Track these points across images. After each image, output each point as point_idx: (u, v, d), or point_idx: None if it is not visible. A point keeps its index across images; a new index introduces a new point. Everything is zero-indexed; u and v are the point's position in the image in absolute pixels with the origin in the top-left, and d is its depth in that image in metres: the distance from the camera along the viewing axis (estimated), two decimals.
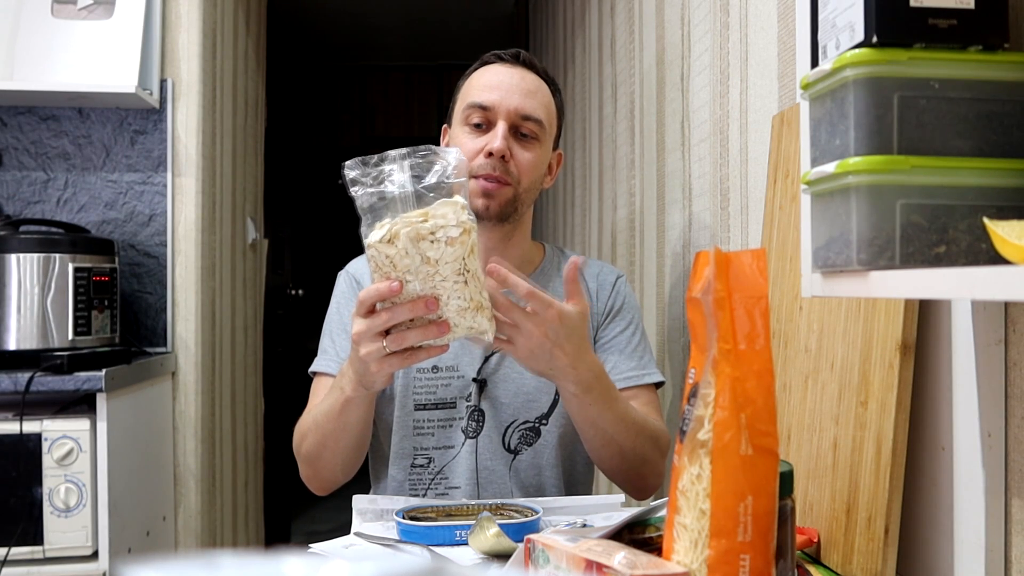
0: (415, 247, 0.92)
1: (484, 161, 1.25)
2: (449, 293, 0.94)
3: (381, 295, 0.94)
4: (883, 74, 0.62)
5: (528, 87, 1.29)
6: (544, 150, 1.31)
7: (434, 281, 0.93)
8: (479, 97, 1.28)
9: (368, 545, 1.01)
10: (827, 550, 0.89)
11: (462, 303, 0.95)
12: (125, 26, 2.11)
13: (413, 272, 0.93)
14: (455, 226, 0.92)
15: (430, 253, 0.92)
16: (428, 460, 1.30)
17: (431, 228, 0.92)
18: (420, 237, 0.92)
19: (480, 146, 1.26)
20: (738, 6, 1.28)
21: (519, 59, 1.33)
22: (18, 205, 2.17)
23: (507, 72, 1.30)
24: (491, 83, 1.29)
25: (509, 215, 1.29)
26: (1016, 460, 0.71)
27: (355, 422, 1.15)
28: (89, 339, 1.88)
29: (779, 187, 1.09)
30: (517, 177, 1.27)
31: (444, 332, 0.96)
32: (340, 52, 5.25)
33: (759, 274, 0.69)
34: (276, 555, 0.31)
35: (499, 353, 1.31)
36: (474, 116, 1.28)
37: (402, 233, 0.91)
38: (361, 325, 0.97)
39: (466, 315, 0.96)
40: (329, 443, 1.19)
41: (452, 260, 0.93)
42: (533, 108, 1.28)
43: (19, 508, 1.67)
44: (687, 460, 0.69)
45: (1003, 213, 0.60)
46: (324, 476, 1.25)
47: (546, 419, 1.31)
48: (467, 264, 0.94)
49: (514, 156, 1.26)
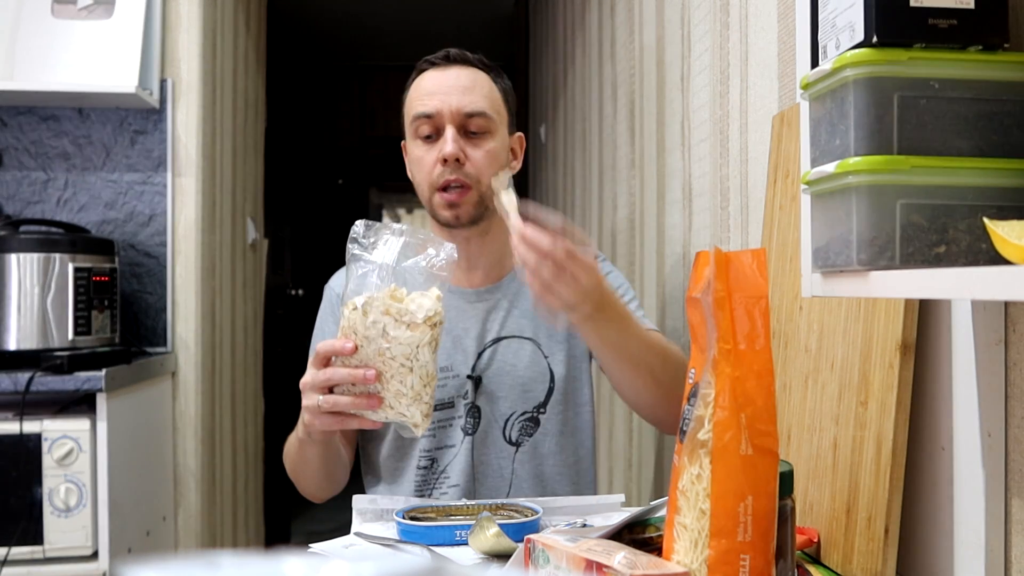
0: (380, 319, 0.96)
1: (441, 169, 1.26)
2: (393, 373, 0.98)
3: (334, 351, 0.99)
4: (883, 74, 0.62)
5: (464, 84, 1.29)
6: (498, 140, 1.31)
7: (384, 357, 0.97)
8: (420, 108, 1.29)
9: (368, 545, 1.01)
10: (827, 550, 0.89)
11: (402, 388, 0.98)
12: (125, 26, 2.11)
13: (369, 340, 0.97)
14: (423, 313, 0.97)
15: (391, 330, 0.97)
16: (431, 461, 1.31)
17: (400, 311, 0.97)
18: (388, 313, 0.97)
19: (435, 156, 1.27)
20: (738, 6, 1.28)
21: (450, 58, 1.33)
22: (18, 205, 2.17)
23: (441, 75, 1.31)
24: (428, 90, 1.30)
25: (480, 215, 1.29)
26: (1016, 460, 0.71)
27: (313, 458, 1.21)
28: (89, 339, 1.88)
29: (779, 187, 1.09)
30: (476, 177, 1.27)
31: (375, 406, 0.99)
32: (340, 52, 5.25)
33: (759, 274, 0.69)
34: (276, 555, 0.31)
35: (490, 348, 1.32)
36: (422, 128, 1.29)
37: (376, 300, 0.97)
38: (308, 376, 1.02)
39: (401, 401, 0.99)
40: (298, 469, 1.26)
41: (406, 343, 0.97)
42: (475, 103, 1.28)
43: (19, 508, 1.67)
44: (687, 460, 0.69)
45: (1003, 213, 0.60)
46: (308, 492, 1.31)
47: (544, 407, 1.32)
48: (418, 354, 0.98)
49: (468, 157, 1.27)
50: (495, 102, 1.32)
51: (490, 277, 1.37)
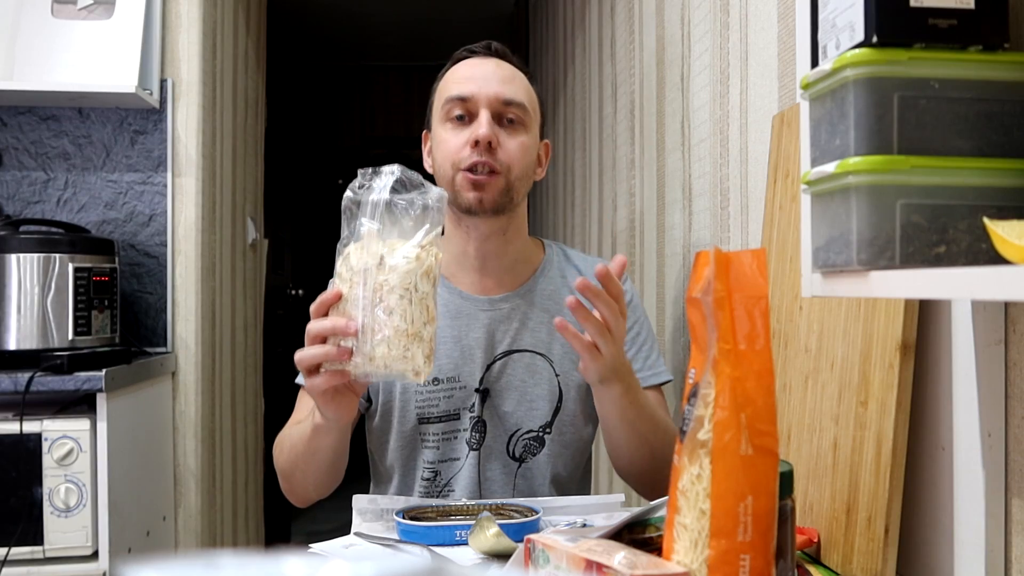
0: (377, 249, 0.93)
1: (470, 152, 1.21)
2: (393, 307, 0.93)
3: (323, 302, 0.96)
4: (883, 74, 0.62)
5: (505, 74, 1.27)
6: (532, 136, 1.28)
7: (381, 291, 0.93)
8: (457, 90, 1.24)
9: (368, 545, 1.01)
10: (827, 550, 0.89)
11: (402, 324, 0.93)
12: (125, 26, 2.11)
13: (367, 275, 0.93)
14: (418, 247, 0.94)
15: (388, 259, 0.93)
16: (434, 473, 1.28)
17: (394, 244, 0.94)
18: (385, 245, 0.94)
19: (465, 138, 1.22)
20: (738, 6, 1.28)
21: (491, 50, 1.30)
22: (18, 205, 2.17)
23: (481, 63, 1.28)
24: (467, 75, 1.26)
25: (504, 206, 1.25)
26: (1016, 460, 0.71)
27: (325, 447, 1.14)
28: (89, 339, 1.88)
29: (779, 187, 1.09)
30: (507, 164, 1.23)
31: (343, 358, 0.94)
32: (340, 52, 5.25)
33: (759, 274, 0.69)
34: (276, 555, 0.31)
35: (501, 360, 1.29)
36: (455, 109, 1.24)
37: (370, 237, 0.93)
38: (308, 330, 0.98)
39: (401, 339, 0.93)
40: (300, 464, 1.18)
41: (404, 272, 0.93)
42: (514, 93, 1.25)
43: (19, 508, 1.67)
44: (687, 460, 0.69)
45: (1003, 213, 0.60)
46: (298, 492, 1.24)
47: (549, 428, 1.29)
48: (418, 283, 0.94)
49: (501, 143, 1.22)
50: (532, 99, 1.29)
51: (503, 285, 1.32)
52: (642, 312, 1.36)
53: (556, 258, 1.38)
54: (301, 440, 1.15)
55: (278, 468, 1.24)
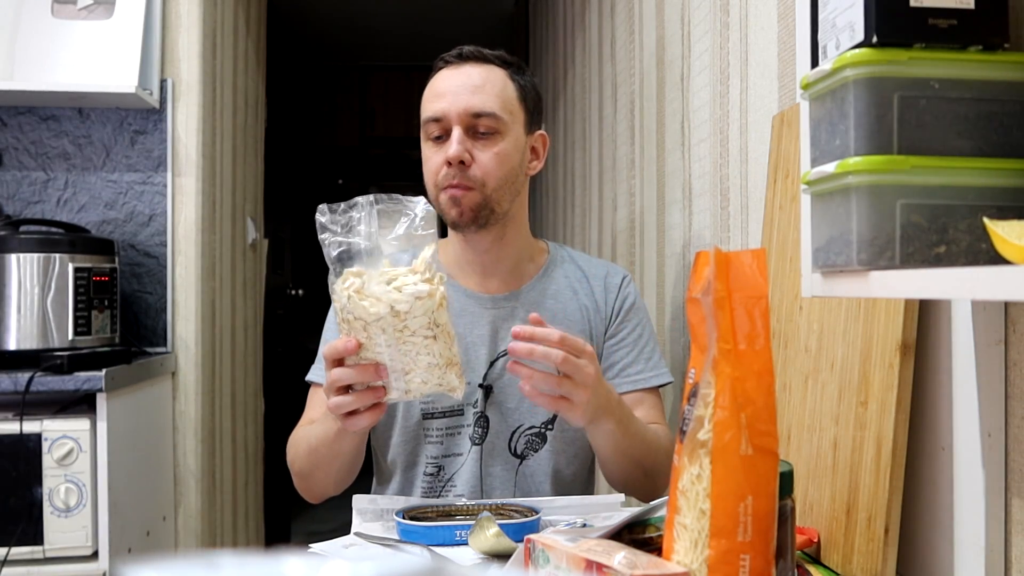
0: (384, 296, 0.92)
1: (447, 171, 1.24)
2: (419, 349, 0.94)
3: (338, 353, 0.97)
4: (883, 74, 0.62)
5: (474, 83, 1.26)
6: (511, 140, 1.27)
7: (403, 335, 0.93)
8: (430, 110, 1.27)
9: (368, 545, 1.01)
10: (827, 550, 0.89)
11: (432, 359, 0.95)
12: (125, 26, 2.11)
13: (382, 324, 0.92)
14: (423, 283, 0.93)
15: (399, 306, 0.92)
16: (438, 468, 1.30)
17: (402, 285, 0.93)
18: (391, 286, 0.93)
19: (442, 157, 1.24)
20: (738, 6, 1.28)
21: (463, 56, 1.29)
22: (18, 205, 2.17)
23: (452, 75, 1.28)
24: (438, 92, 1.27)
25: (486, 219, 1.26)
26: (1016, 460, 0.71)
27: (348, 450, 1.16)
28: (89, 339, 1.88)
29: (779, 187, 1.09)
30: (481, 180, 1.24)
31: (378, 396, 0.98)
32: (340, 52, 5.25)
33: (759, 274, 0.69)
34: (276, 555, 0.31)
35: (503, 357, 1.29)
36: (432, 130, 1.27)
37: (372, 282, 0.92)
38: (328, 378, 1.00)
39: (435, 372, 0.95)
40: (322, 464, 1.20)
41: (421, 314, 0.93)
42: (483, 103, 1.24)
43: (19, 508, 1.66)
44: (687, 460, 0.69)
45: (1003, 213, 0.60)
46: (316, 491, 1.26)
47: (551, 424, 1.30)
48: (436, 319, 0.94)
49: (475, 158, 1.24)
50: (508, 101, 1.27)
51: (507, 284, 1.34)
52: (645, 313, 1.38)
53: (560, 259, 1.40)
54: (322, 443, 1.17)
55: (294, 469, 1.26)
